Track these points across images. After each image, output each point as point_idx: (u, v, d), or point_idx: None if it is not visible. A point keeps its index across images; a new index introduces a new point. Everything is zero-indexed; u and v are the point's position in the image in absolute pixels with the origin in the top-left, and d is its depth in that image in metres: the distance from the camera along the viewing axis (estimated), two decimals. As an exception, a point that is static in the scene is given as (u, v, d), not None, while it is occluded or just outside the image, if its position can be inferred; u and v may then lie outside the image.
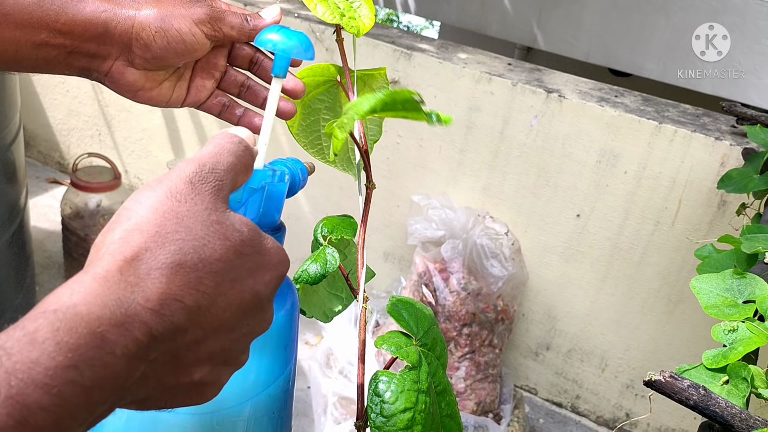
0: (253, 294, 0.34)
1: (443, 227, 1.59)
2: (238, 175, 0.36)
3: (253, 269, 0.34)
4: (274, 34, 0.46)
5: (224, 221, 0.33)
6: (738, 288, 0.74)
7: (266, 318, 0.36)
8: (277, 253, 0.35)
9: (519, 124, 1.53)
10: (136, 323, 0.28)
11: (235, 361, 0.35)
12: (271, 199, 0.43)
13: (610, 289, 1.56)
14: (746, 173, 1.06)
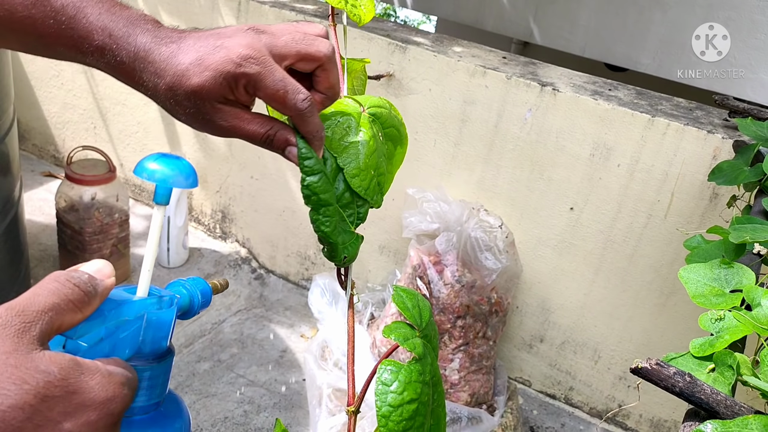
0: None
1: (438, 220, 1.60)
2: (60, 314, 0.34)
3: (68, 412, 0.32)
4: (153, 163, 0.45)
5: (24, 364, 0.31)
6: (725, 277, 0.75)
7: None
8: (104, 390, 0.33)
9: (513, 118, 1.54)
10: None
11: None
12: (155, 326, 0.41)
13: (603, 282, 1.57)
14: (737, 165, 1.07)
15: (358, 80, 0.70)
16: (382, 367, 0.46)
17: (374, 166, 0.57)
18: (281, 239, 1.99)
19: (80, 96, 2.13)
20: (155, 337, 0.42)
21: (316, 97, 0.53)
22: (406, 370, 0.46)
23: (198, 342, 1.78)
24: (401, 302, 0.53)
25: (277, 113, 0.56)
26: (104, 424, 0.33)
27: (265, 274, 2.05)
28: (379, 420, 0.45)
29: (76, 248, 1.72)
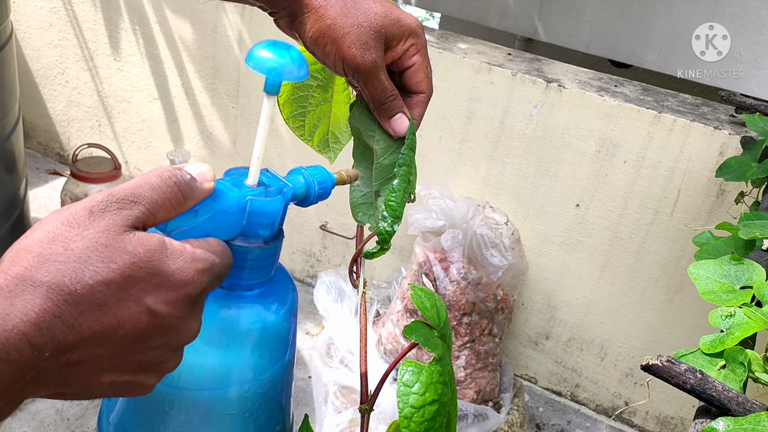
0: (150, 314, 0.35)
1: (443, 217, 1.60)
2: (156, 209, 0.37)
3: (148, 290, 0.35)
4: (265, 52, 0.44)
5: (113, 244, 0.34)
6: (735, 274, 0.74)
7: (183, 333, 0.37)
8: (183, 274, 0.36)
9: (519, 114, 1.53)
10: (15, 334, 0.31)
11: (157, 369, 0.37)
12: (259, 214, 0.43)
13: (609, 279, 1.57)
14: (745, 161, 1.06)
15: None
16: (403, 369, 0.46)
17: (414, 164, 0.59)
18: (286, 236, 1.98)
19: (85, 94, 2.13)
20: (262, 223, 0.43)
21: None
22: (427, 371, 0.46)
23: (203, 339, 1.78)
24: (420, 302, 0.52)
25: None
26: (182, 304, 0.36)
27: (270, 272, 2.05)
28: (402, 421, 0.45)
29: (81, 246, 1.72)
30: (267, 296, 0.47)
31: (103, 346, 0.34)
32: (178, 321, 0.36)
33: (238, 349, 0.46)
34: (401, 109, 0.54)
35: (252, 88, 1.84)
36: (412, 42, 0.53)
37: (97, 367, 0.34)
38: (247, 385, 0.46)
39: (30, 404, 1.49)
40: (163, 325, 0.36)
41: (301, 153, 1.81)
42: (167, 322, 0.36)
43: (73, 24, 2.02)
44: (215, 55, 1.85)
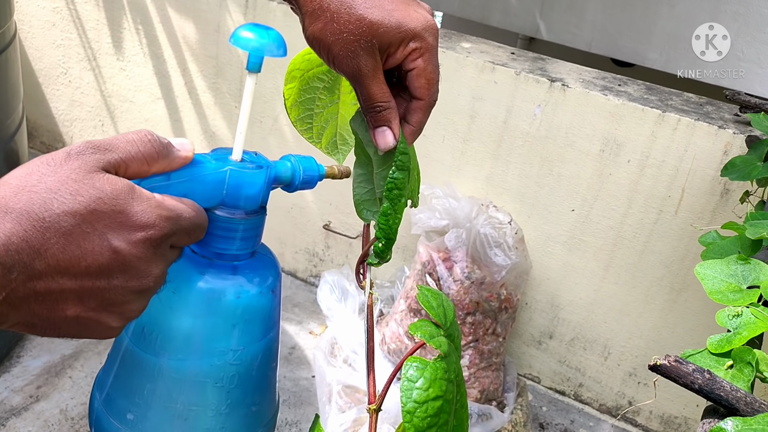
0: (112, 251, 0.37)
1: (447, 216, 1.60)
2: (129, 159, 0.40)
3: (112, 227, 0.37)
4: (248, 33, 0.47)
5: (82, 180, 0.37)
6: (742, 274, 0.74)
7: (146, 275, 0.39)
8: (146, 216, 0.38)
9: (522, 114, 1.53)
10: None
11: (119, 309, 0.40)
12: (242, 186, 0.46)
13: (613, 278, 1.57)
14: (750, 161, 1.06)
15: None
16: (408, 364, 0.46)
17: (416, 167, 0.58)
18: (289, 236, 1.99)
19: (88, 93, 2.13)
20: (242, 195, 0.46)
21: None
22: (432, 367, 0.46)
23: (207, 339, 1.78)
24: (426, 301, 0.53)
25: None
26: (143, 246, 0.38)
27: (273, 271, 2.05)
28: (404, 416, 0.45)
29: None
30: (247, 271, 0.49)
31: (67, 275, 0.36)
32: (139, 261, 0.38)
33: (214, 319, 0.47)
34: (388, 123, 0.52)
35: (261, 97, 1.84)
36: (414, 46, 0.51)
37: (62, 298, 0.37)
38: (222, 356, 0.48)
39: (34, 404, 1.49)
40: (125, 263, 0.38)
41: (304, 152, 1.81)
42: (128, 260, 0.38)
43: (76, 24, 2.03)
44: (218, 54, 1.85)
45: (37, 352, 1.55)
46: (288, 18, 1.74)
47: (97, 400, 0.50)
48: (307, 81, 0.69)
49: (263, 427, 0.53)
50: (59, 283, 0.36)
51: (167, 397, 0.47)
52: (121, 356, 0.49)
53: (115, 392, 0.49)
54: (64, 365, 1.55)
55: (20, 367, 1.57)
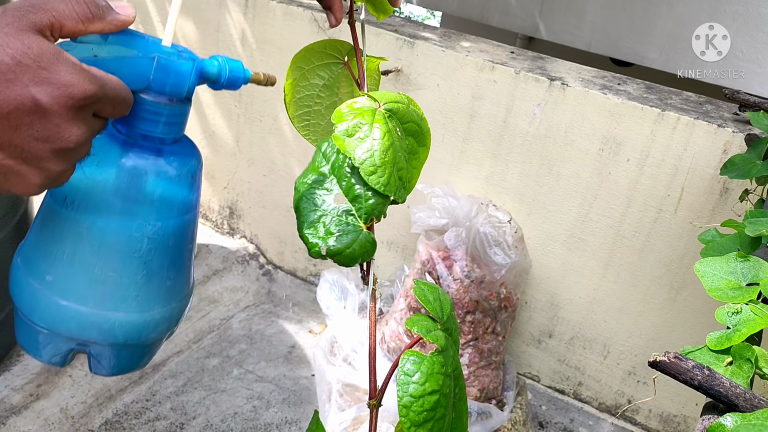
0: (33, 102, 0.40)
1: (446, 215, 1.60)
2: (63, 18, 0.42)
3: (35, 80, 0.40)
4: None
5: (13, 34, 0.39)
6: (742, 271, 0.75)
7: (62, 133, 0.42)
8: (70, 75, 0.41)
9: (522, 113, 1.54)
10: None
11: (39, 164, 0.42)
12: (170, 72, 0.48)
13: (612, 277, 1.57)
14: (749, 159, 1.06)
15: (371, 78, 0.70)
16: (404, 358, 0.47)
17: (392, 162, 0.57)
18: (289, 235, 1.99)
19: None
20: (172, 82, 0.49)
21: None
22: (429, 362, 0.46)
23: (207, 338, 1.79)
24: (422, 295, 0.53)
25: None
26: (65, 103, 0.40)
27: (273, 270, 2.06)
28: (400, 410, 0.45)
29: (85, 245, 1.72)
30: (170, 155, 0.52)
31: None
32: (60, 119, 0.41)
33: (135, 194, 0.50)
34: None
35: (255, 87, 1.84)
36: None
37: None
38: (140, 228, 0.51)
39: (35, 402, 1.49)
40: (45, 118, 0.40)
41: (304, 151, 1.81)
42: (49, 115, 0.40)
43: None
44: (218, 53, 1.85)
45: (37, 350, 1.56)
46: (287, 18, 1.74)
47: (17, 263, 0.53)
48: (306, 78, 0.69)
49: (177, 302, 0.56)
50: None
51: (86, 262, 0.50)
52: (44, 221, 0.51)
53: (37, 255, 0.51)
54: (64, 364, 1.55)
55: (20, 366, 1.57)
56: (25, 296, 0.52)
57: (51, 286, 0.50)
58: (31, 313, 0.51)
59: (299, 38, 1.74)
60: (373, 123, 0.57)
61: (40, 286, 0.51)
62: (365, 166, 0.56)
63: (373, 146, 0.56)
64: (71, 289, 0.50)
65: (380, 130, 0.56)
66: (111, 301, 0.51)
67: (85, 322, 0.51)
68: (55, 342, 0.53)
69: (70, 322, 0.51)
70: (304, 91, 0.70)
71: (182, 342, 1.75)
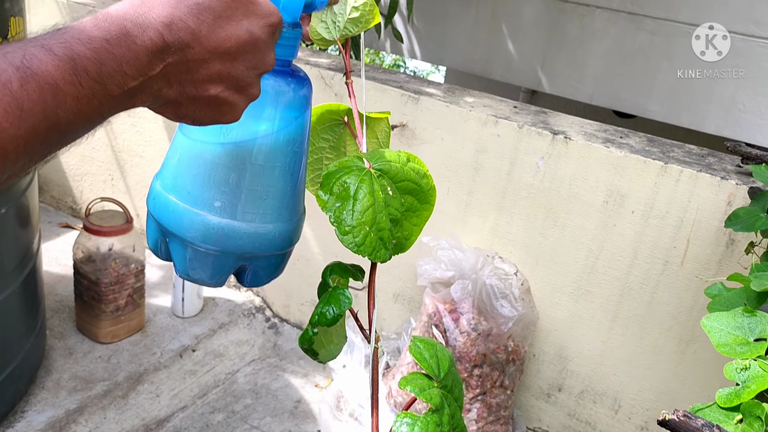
0: (248, 33, 0.45)
1: (452, 268, 1.60)
2: None
3: (246, 14, 0.45)
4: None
5: None
6: (749, 326, 0.74)
7: (266, 59, 0.48)
8: (268, 7, 0.47)
9: (526, 166, 1.55)
10: (151, 28, 0.41)
11: (247, 90, 0.48)
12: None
13: (621, 329, 1.56)
14: (753, 212, 1.07)
15: (382, 132, 0.72)
16: (398, 420, 0.47)
17: (370, 222, 0.58)
18: (295, 288, 1.99)
19: (99, 149, 2.17)
20: (290, 4, 0.56)
21: None
22: (423, 422, 0.46)
23: (212, 392, 1.77)
24: (418, 353, 0.53)
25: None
26: (268, 30, 0.47)
27: (279, 323, 2.05)
28: None
29: (92, 299, 1.73)
30: (293, 75, 0.58)
31: (215, 55, 0.44)
32: (265, 45, 0.47)
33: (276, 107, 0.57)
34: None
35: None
36: None
37: (208, 75, 0.44)
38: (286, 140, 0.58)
39: None
40: (255, 46, 0.46)
41: (308, 203, 1.83)
42: (258, 43, 0.46)
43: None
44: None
45: (41, 406, 1.54)
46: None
47: (174, 202, 0.57)
48: (313, 143, 0.70)
49: (303, 211, 0.64)
50: (208, 62, 0.44)
51: (251, 182, 0.56)
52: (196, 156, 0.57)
53: (199, 187, 0.56)
54: (69, 420, 1.53)
55: (24, 422, 1.55)
56: (194, 226, 0.56)
57: (221, 211, 0.56)
58: (204, 240, 0.57)
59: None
60: (358, 183, 0.58)
61: (210, 214, 0.56)
62: (341, 226, 0.57)
63: (351, 206, 0.57)
64: (240, 209, 0.56)
65: (363, 190, 0.58)
66: (272, 214, 0.58)
67: (255, 237, 0.57)
68: (226, 262, 0.58)
69: (242, 239, 0.57)
70: (313, 155, 0.71)
71: (187, 397, 1.73)
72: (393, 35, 2.71)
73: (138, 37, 0.40)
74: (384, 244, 0.59)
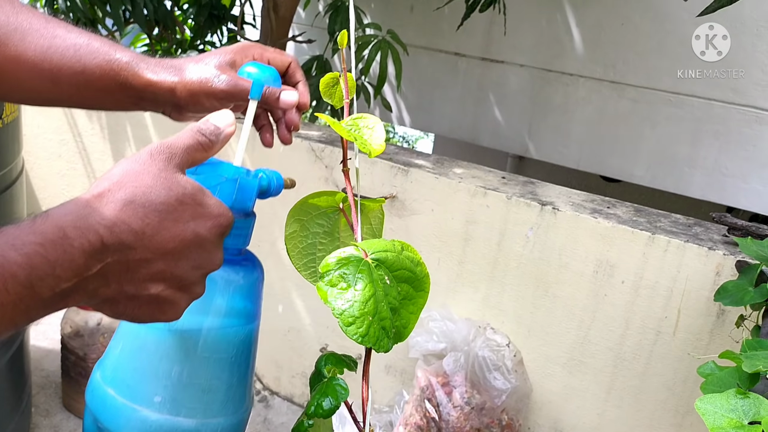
0: (194, 234, 0.46)
1: (444, 339, 1.59)
2: (192, 152, 0.48)
3: (194, 216, 0.46)
4: (252, 68, 0.61)
5: (170, 177, 0.45)
6: (743, 408, 0.74)
7: (213, 259, 0.48)
8: (218, 209, 0.48)
9: (515, 236, 1.57)
10: (91, 231, 0.41)
11: (189, 290, 0.47)
12: (243, 189, 0.56)
13: (616, 401, 1.54)
14: (741, 286, 1.08)
15: (375, 219, 0.73)
16: None
17: (372, 312, 0.58)
18: (286, 360, 1.96)
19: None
20: (243, 198, 0.56)
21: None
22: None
23: (200, 472, 1.72)
24: None
25: None
26: (215, 232, 0.47)
27: (270, 396, 2.01)
28: None
29: (79, 374, 1.70)
30: (243, 263, 0.59)
31: (158, 255, 0.44)
32: (211, 246, 0.47)
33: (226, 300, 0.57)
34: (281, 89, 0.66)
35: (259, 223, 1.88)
36: (251, 53, 0.66)
37: (149, 274, 0.44)
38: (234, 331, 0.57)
39: None
40: (202, 247, 0.46)
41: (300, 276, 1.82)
42: (204, 244, 0.46)
43: (82, 155, 2.10)
44: (218, 182, 1.90)
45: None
46: (286, 147, 1.81)
47: (112, 396, 0.55)
48: (307, 228, 0.71)
49: (251, 401, 0.62)
50: (150, 262, 0.44)
51: (194, 375, 0.54)
52: (141, 346, 0.55)
53: (138, 380, 0.54)
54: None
55: None
56: (131, 423, 0.53)
57: (161, 406, 0.53)
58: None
59: (298, 166, 1.80)
60: (357, 273, 0.59)
61: (149, 410, 0.53)
62: (344, 317, 0.57)
63: (353, 297, 0.58)
64: (182, 404, 0.54)
65: (363, 281, 0.58)
66: (214, 407, 0.56)
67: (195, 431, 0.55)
68: None
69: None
70: (306, 240, 0.72)
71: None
72: (382, 104, 2.77)
73: (76, 239, 0.40)
74: (386, 334, 0.60)
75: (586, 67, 2.89)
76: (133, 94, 0.63)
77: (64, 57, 0.60)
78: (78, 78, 0.61)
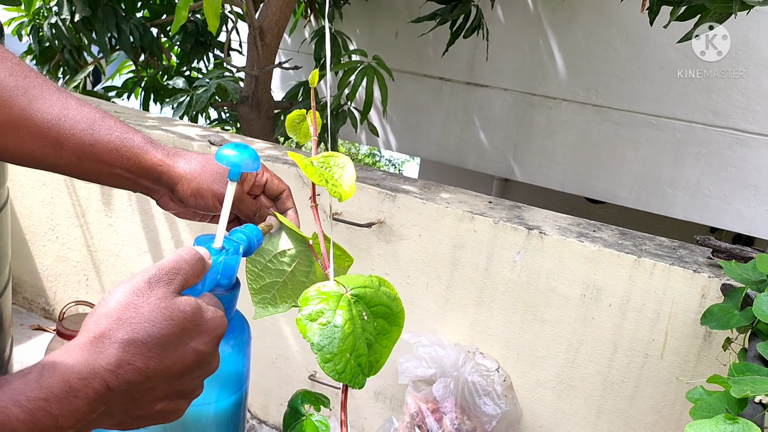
0: (196, 354, 0.48)
1: (434, 365, 1.58)
2: (189, 277, 0.50)
3: (193, 336, 0.48)
4: (230, 151, 0.60)
5: (171, 306, 0.46)
6: (732, 434, 0.74)
7: (212, 366, 0.50)
8: (215, 320, 0.50)
9: (503, 260, 1.57)
10: (96, 378, 0.42)
11: (190, 394, 0.49)
12: (227, 267, 0.57)
13: (606, 425, 1.54)
14: (727, 309, 1.09)
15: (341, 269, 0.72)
16: None
17: (350, 350, 0.58)
18: (274, 387, 1.95)
19: (74, 248, 2.15)
20: (227, 274, 0.57)
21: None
22: None
23: (187, 504, 1.69)
24: None
25: None
26: (213, 343, 0.49)
27: (258, 425, 1.99)
28: None
29: (63, 407, 1.67)
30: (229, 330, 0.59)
31: (161, 381, 0.45)
32: (210, 356, 0.49)
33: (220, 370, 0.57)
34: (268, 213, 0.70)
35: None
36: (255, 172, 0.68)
37: (153, 398, 0.46)
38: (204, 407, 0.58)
39: None
40: (202, 360, 0.48)
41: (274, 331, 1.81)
42: (205, 357, 0.48)
43: (67, 183, 2.09)
44: (205, 209, 1.90)
45: None
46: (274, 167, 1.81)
47: None
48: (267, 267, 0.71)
49: None
50: (154, 389, 0.45)
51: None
52: None
53: None
54: None
55: None
56: None
57: None
58: None
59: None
60: (337, 309, 0.59)
61: None
62: (323, 354, 0.57)
63: (333, 333, 0.57)
64: None
65: (342, 317, 0.58)
66: None
67: None
68: None
69: None
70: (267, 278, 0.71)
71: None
72: (369, 129, 2.79)
73: (81, 390, 0.41)
74: (362, 370, 0.59)
75: (569, 90, 2.93)
76: (137, 171, 0.65)
77: (75, 128, 0.62)
78: (85, 149, 0.63)
